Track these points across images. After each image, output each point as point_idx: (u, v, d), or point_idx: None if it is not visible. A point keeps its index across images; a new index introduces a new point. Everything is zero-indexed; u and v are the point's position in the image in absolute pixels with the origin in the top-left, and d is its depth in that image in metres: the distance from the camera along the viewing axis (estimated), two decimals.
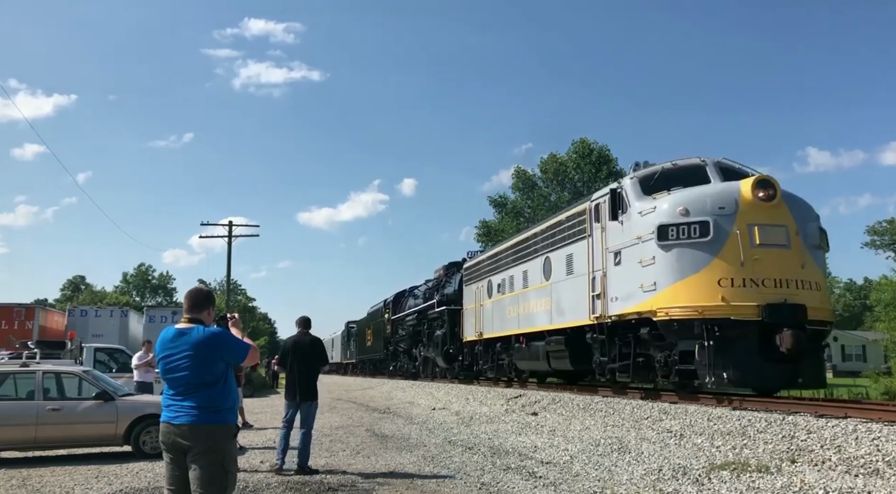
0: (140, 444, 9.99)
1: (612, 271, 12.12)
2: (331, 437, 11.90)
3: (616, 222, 11.98)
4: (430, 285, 27.90)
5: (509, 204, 49.29)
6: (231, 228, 38.19)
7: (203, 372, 4.00)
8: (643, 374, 11.95)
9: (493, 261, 19.87)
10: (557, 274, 14.76)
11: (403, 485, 7.39)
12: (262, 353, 76.24)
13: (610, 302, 12.13)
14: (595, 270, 12.75)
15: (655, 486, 6.68)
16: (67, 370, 11.20)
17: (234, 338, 4.24)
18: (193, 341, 3.99)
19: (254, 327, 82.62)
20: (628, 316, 11.59)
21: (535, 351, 16.02)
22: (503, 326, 18.44)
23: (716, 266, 10.30)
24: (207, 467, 3.89)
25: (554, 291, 14.88)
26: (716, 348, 9.92)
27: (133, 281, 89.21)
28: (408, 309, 30.56)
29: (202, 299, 4.23)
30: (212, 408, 3.98)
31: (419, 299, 28.90)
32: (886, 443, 6.51)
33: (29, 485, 7.90)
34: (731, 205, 10.48)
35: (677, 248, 10.62)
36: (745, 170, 11.91)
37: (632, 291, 11.39)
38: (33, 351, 17.28)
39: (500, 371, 19.52)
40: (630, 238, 11.55)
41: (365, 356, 42.43)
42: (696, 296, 10.32)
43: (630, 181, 12.04)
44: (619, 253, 11.91)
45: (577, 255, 13.70)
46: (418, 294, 29.71)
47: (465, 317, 22.42)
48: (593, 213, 13.11)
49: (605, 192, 12.63)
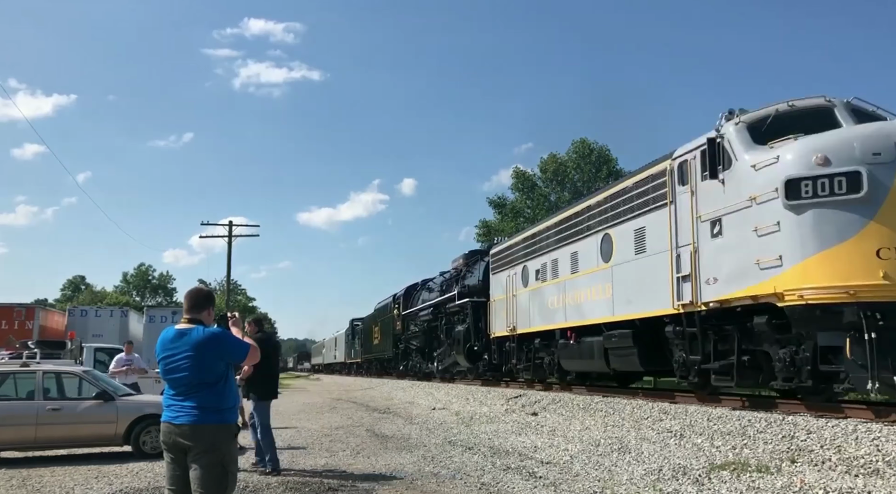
0: (140, 444, 10.00)
1: (708, 245, 9.76)
2: (331, 437, 11.90)
3: (714, 181, 9.58)
4: (448, 276, 25.60)
5: (508, 204, 49.27)
6: (231, 228, 38.22)
7: (203, 372, 4.00)
8: (751, 376, 9.53)
9: (529, 244, 17.16)
10: (622, 253, 12.29)
11: (403, 485, 7.40)
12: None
13: (704, 284, 9.81)
14: (680, 245, 10.41)
15: (655, 486, 6.68)
16: (67, 370, 11.23)
17: (234, 338, 4.24)
18: (194, 341, 3.99)
19: None
20: (735, 301, 9.27)
21: (589, 349, 13.59)
22: (544, 319, 15.90)
23: (872, 232, 7.92)
24: (208, 467, 3.89)
25: (617, 275, 12.46)
26: (879, 343, 7.54)
27: (133, 281, 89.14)
28: (421, 303, 28.29)
29: (202, 299, 4.23)
30: (212, 408, 3.99)
31: (434, 292, 26.62)
32: (886, 443, 6.51)
33: (29, 485, 7.90)
34: (890, 150, 8.01)
35: (815, 210, 8.25)
36: (881, 114, 9.54)
37: (741, 269, 9.06)
38: (33, 351, 17.33)
39: (537, 371, 16.94)
40: (738, 200, 9.16)
41: (371, 355, 40.32)
42: (844, 273, 7.99)
43: (735, 127, 9.51)
44: (718, 221, 9.55)
45: (653, 228, 11.29)
46: (433, 286, 27.39)
47: (494, 310, 19.69)
48: (676, 174, 10.64)
49: (698, 144, 10.11)
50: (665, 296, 10.72)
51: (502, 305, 18.84)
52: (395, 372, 33.44)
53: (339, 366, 59.66)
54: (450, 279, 25.12)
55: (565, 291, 14.71)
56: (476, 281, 21.88)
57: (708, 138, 9.73)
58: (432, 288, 27.47)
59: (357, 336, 46.97)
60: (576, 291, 14.17)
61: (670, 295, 10.56)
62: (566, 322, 14.59)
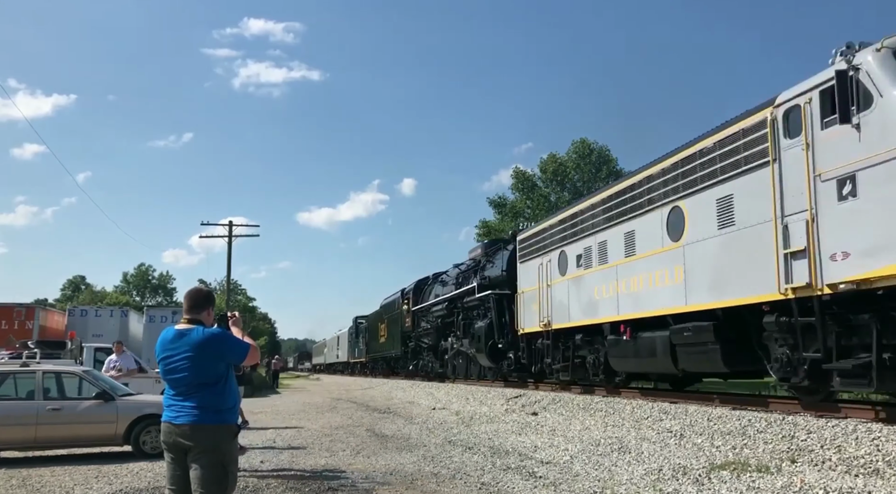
0: (140, 444, 9.99)
1: (834, 211, 7.79)
2: (331, 437, 11.90)
3: (843, 128, 7.64)
4: (465, 268, 23.55)
5: (508, 204, 49.30)
6: (231, 228, 38.24)
7: (203, 372, 4.00)
8: (892, 378, 7.44)
9: (566, 226, 15.12)
10: (698, 229, 10.32)
11: (403, 485, 7.39)
12: (263, 353, 76.51)
13: (829, 262, 7.84)
14: (789, 214, 8.46)
15: (655, 486, 6.68)
16: (67, 370, 11.22)
17: (234, 338, 4.24)
18: (193, 342, 3.99)
19: (254, 327, 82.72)
20: (878, 282, 7.32)
21: (649, 345, 11.58)
22: (587, 312, 13.87)
23: None
24: (208, 467, 3.90)
25: (690, 256, 10.49)
26: None
27: (133, 281, 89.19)
28: (433, 298, 26.41)
29: (202, 299, 4.23)
30: (212, 408, 3.99)
31: (449, 286, 24.70)
32: (886, 443, 6.51)
33: (29, 485, 7.90)
34: None
35: None
36: None
37: (888, 240, 7.16)
38: (33, 350, 17.33)
39: (577, 372, 14.90)
40: (882, 150, 7.23)
41: (377, 354, 38.41)
42: None
43: (878, 55, 7.57)
44: (849, 179, 7.58)
45: (744, 196, 9.35)
46: (447, 280, 25.40)
47: (522, 303, 17.51)
48: (781, 125, 8.71)
49: (818, 83, 8.14)
50: (765, 279, 8.78)
51: (533, 297, 16.66)
52: (404, 373, 31.98)
53: (342, 366, 58.49)
54: (467, 271, 23.14)
55: (617, 278, 12.65)
56: (499, 272, 19.82)
57: (837, 71, 7.68)
58: (446, 281, 25.56)
59: (361, 334, 45.17)
60: (632, 277, 12.12)
61: (774, 276, 8.63)
62: (618, 314, 12.53)
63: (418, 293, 28.99)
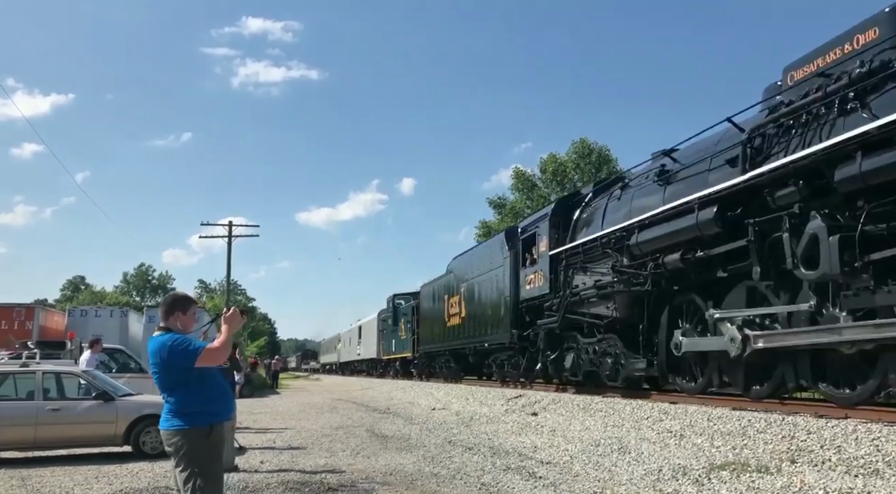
0: (140, 444, 9.99)
1: None
2: (331, 437, 11.90)
3: None
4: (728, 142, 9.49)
5: (508, 204, 49.29)
6: (231, 228, 38.26)
7: (164, 378, 4.16)
8: None
9: None
10: None
11: (403, 485, 7.39)
12: (262, 353, 76.09)
13: None
14: None
15: (655, 486, 6.68)
16: (67, 370, 11.21)
17: (182, 344, 4.12)
18: (151, 350, 4.16)
19: (254, 327, 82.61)
20: None
21: None
22: None
23: None
24: (182, 470, 4.05)
25: None
26: None
27: (133, 281, 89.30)
28: (622, 219, 11.62)
29: (167, 306, 4.37)
30: (180, 412, 4.10)
31: (681, 184, 10.31)
32: (886, 443, 6.51)
33: (29, 485, 7.90)
34: None
35: None
36: None
37: None
38: (33, 351, 17.30)
39: None
40: None
41: (443, 345, 23.60)
42: None
43: None
44: None
45: None
46: (644, 182, 11.57)
47: None
48: None
49: None
50: None
51: None
52: (518, 381, 17.38)
53: (366, 366, 45.06)
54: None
55: None
56: None
57: None
58: (643, 184, 11.58)
59: (403, 318, 31.45)
60: None
61: None
62: None
63: (559, 224, 14.55)
